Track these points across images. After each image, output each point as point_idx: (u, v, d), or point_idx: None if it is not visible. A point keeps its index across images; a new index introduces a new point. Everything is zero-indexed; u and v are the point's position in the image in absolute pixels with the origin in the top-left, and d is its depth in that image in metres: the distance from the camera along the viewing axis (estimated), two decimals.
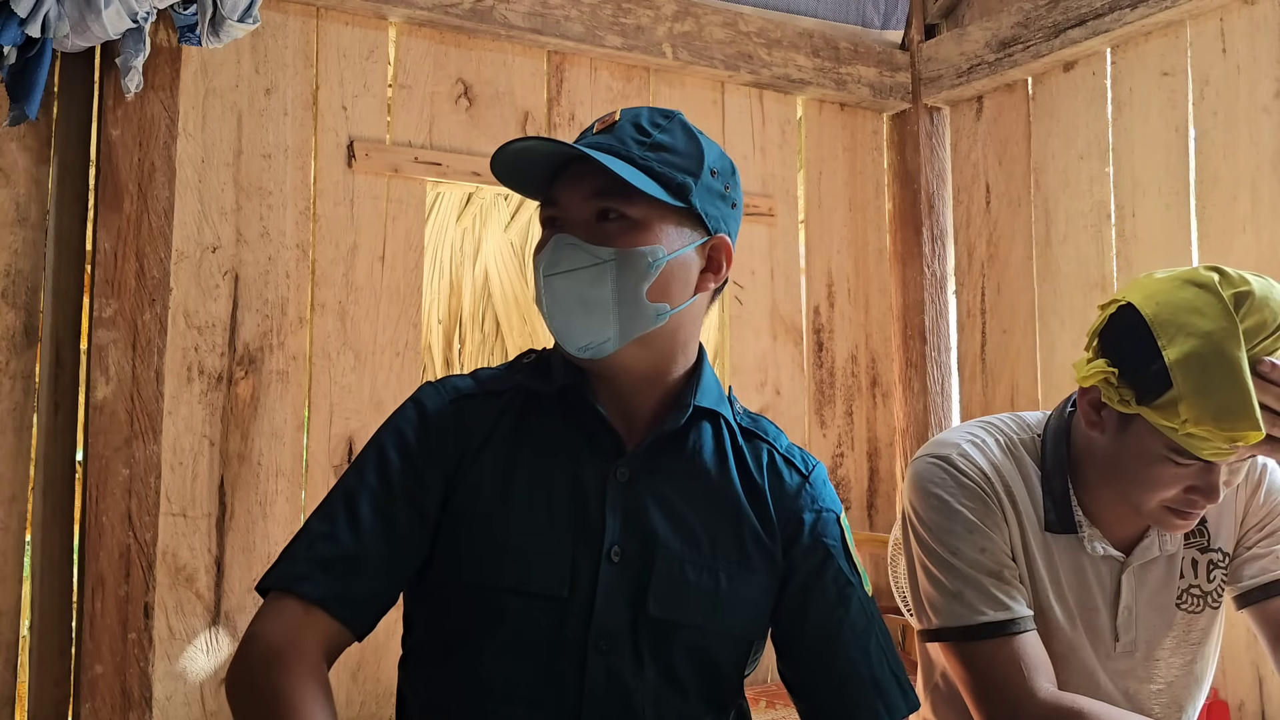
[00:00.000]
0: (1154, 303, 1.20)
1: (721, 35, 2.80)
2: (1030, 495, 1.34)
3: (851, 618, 1.16)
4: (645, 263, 1.09)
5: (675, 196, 1.10)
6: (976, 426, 1.40)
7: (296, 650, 1.02)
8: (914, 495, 1.35)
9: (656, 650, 1.09)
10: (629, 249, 1.08)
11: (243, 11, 2.05)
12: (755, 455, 1.20)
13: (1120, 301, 1.25)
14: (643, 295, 1.09)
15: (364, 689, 2.34)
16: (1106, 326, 1.26)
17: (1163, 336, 1.17)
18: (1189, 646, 1.38)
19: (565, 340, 1.11)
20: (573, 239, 1.09)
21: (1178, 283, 1.21)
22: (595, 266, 1.08)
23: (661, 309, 1.11)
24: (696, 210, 1.12)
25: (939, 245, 3.09)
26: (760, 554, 1.15)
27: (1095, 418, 1.27)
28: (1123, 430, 1.24)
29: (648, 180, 1.08)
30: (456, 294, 3.61)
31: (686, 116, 1.18)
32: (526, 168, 1.13)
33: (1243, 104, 2.40)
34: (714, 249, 1.15)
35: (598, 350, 1.10)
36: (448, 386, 1.18)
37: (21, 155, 2.08)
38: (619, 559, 1.10)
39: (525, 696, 1.07)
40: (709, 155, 1.14)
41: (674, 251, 1.11)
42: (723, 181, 1.15)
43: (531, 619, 1.08)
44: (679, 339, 1.16)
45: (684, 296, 1.13)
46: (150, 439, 2.12)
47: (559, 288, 1.09)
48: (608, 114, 1.16)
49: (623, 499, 1.12)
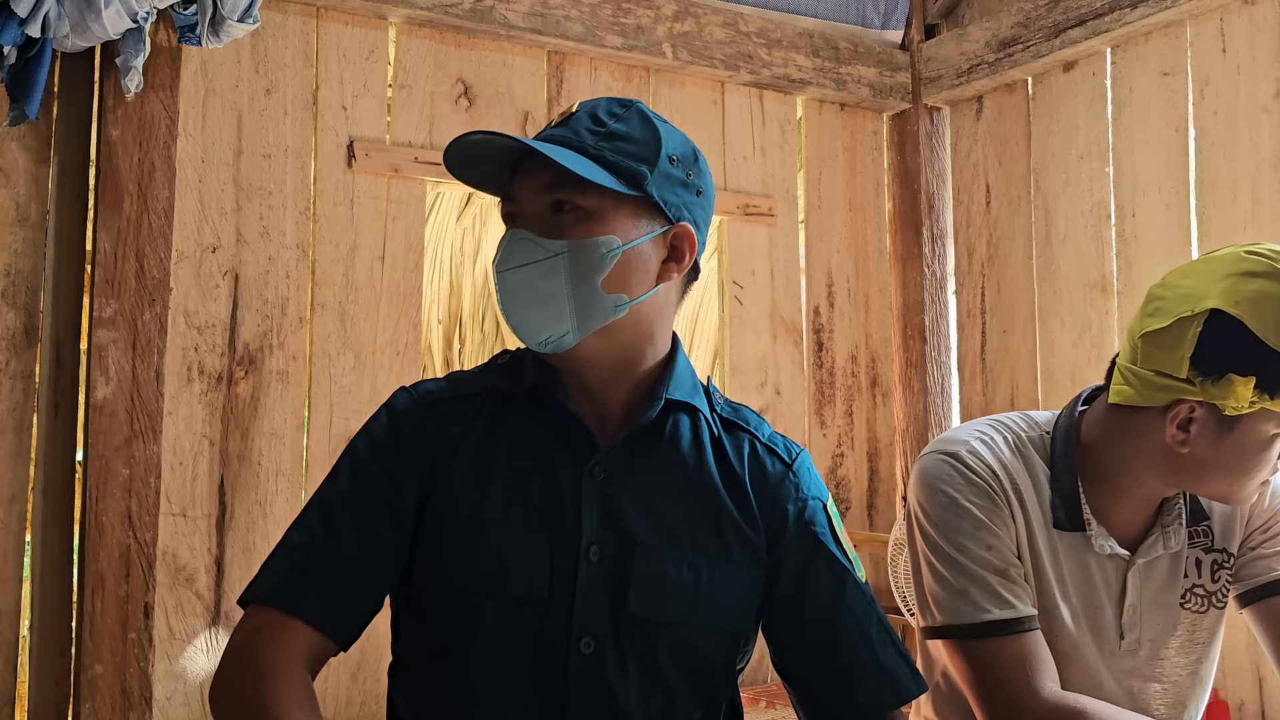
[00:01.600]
0: (1238, 306, 1.19)
1: (721, 35, 2.80)
2: (1038, 493, 1.33)
3: (849, 603, 1.15)
4: (599, 254, 1.08)
5: (629, 185, 1.09)
6: (985, 424, 1.39)
7: (279, 663, 1.02)
8: (921, 491, 1.35)
9: (640, 648, 1.09)
10: (581, 240, 1.07)
11: (243, 11, 2.05)
12: (736, 446, 1.19)
13: (1200, 316, 1.22)
14: (598, 286, 1.08)
15: (364, 689, 2.34)
16: (1204, 346, 1.22)
17: (1272, 336, 1.17)
18: (1195, 646, 1.38)
19: (524, 335, 1.11)
20: (525, 233, 1.09)
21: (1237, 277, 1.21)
22: (547, 260, 1.07)
23: (619, 300, 1.09)
24: (654, 199, 1.10)
25: (939, 245, 3.09)
26: (741, 546, 1.14)
27: (1184, 435, 1.25)
28: (1226, 432, 1.23)
29: (598, 170, 1.07)
30: (456, 294, 3.61)
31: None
32: (486, 165, 1.12)
33: (1243, 104, 2.40)
34: (676, 237, 1.13)
35: (558, 344, 1.10)
36: (420, 390, 1.17)
37: (21, 155, 2.08)
38: (597, 558, 1.09)
39: (511, 700, 1.07)
40: (668, 143, 1.13)
41: (630, 241, 1.09)
42: (684, 169, 1.14)
43: (512, 622, 1.07)
44: (644, 330, 1.14)
45: (644, 287, 1.11)
46: (150, 439, 2.12)
47: (512, 282, 1.09)
48: (567, 106, 1.15)
49: (599, 497, 1.11)
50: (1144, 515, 1.35)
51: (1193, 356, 1.22)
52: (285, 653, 1.03)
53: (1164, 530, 1.35)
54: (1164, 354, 1.24)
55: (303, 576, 1.07)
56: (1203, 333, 1.21)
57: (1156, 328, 1.25)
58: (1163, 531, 1.35)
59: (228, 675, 1.03)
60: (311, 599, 1.05)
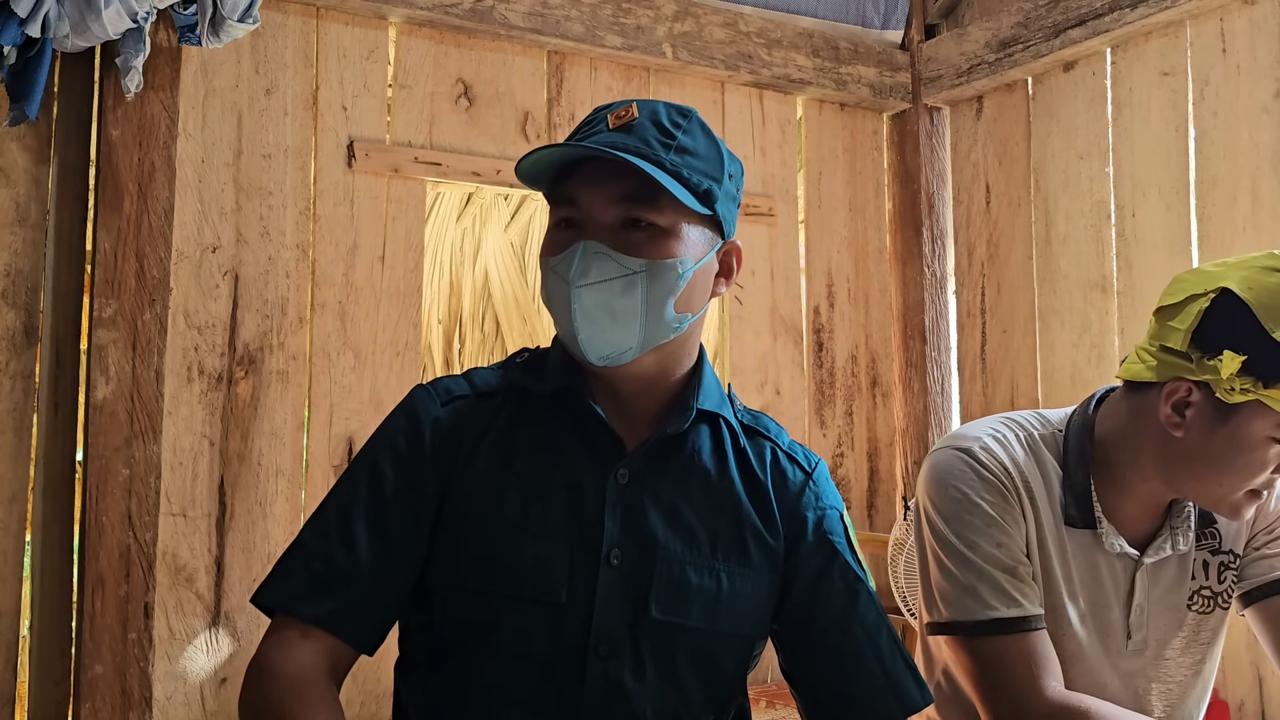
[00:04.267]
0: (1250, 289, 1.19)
1: (721, 35, 2.80)
2: (1049, 492, 1.33)
3: (861, 612, 1.15)
4: (674, 274, 1.07)
5: (703, 204, 1.08)
6: (998, 421, 1.39)
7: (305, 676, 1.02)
8: (932, 486, 1.34)
9: (659, 653, 1.08)
10: (659, 260, 1.06)
11: (243, 11, 2.05)
12: (758, 453, 1.19)
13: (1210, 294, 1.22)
14: (670, 307, 1.08)
15: (364, 689, 2.34)
16: (1206, 321, 1.22)
17: (1270, 320, 1.17)
18: (1198, 647, 1.38)
19: (588, 350, 1.08)
20: (601, 247, 1.05)
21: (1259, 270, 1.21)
22: (625, 278, 1.05)
23: (683, 319, 1.10)
24: (718, 216, 1.10)
25: (939, 245, 3.09)
26: (762, 552, 1.14)
27: (1179, 419, 1.25)
28: (1220, 422, 1.22)
29: (681, 189, 1.05)
30: (456, 294, 3.61)
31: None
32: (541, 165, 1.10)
33: (1243, 104, 2.40)
34: (727, 254, 1.14)
35: (616, 359, 1.08)
36: (440, 389, 1.16)
37: (21, 155, 2.08)
38: (618, 562, 1.08)
39: (523, 701, 1.06)
40: (728, 159, 1.13)
41: (699, 261, 1.09)
42: (736, 184, 1.14)
43: (528, 624, 1.07)
44: (689, 344, 1.15)
45: (703, 304, 1.12)
46: (150, 439, 2.12)
47: (588, 299, 1.05)
48: (622, 107, 1.10)
49: (622, 501, 1.10)
50: (1153, 516, 1.35)
51: (1195, 331, 1.23)
52: (310, 664, 1.03)
53: (1173, 532, 1.35)
54: (1170, 329, 1.25)
55: (324, 586, 1.06)
56: (1208, 309, 1.22)
57: (1168, 303, 1.26)
58: (1171, 533, 1.34)
59: (254, 688, 1.03)
60: (334, 609, 1.05)
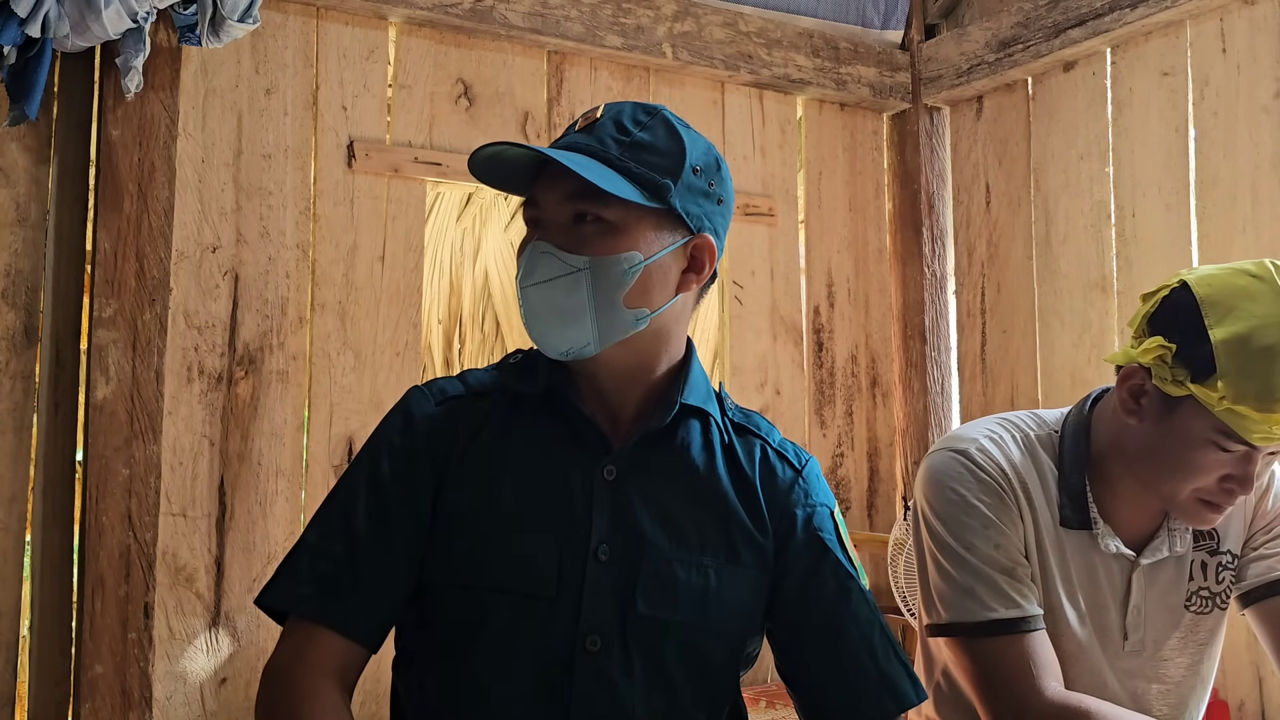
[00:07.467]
0: (1207, 285, 1.21)
1: (721, 35, 2.80)
2: (1045, 493, 1.33)
3: (854, 610, 1.16)
4: (621, 270, 1.08)
5: (653, 198, 1.08)
6: (994, 423, 1.39)
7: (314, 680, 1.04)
8: (929, 488, 1.35)
9: (646, 649, 1.09)
10: (604, 256, 1.07)
11: (243, 11, 2.05)
12: (748, 450, 1.19)
13: (1173, 284, 1.25)
14: (620, 302, 1.08)
15: (364, 689, 2.34)
16: (1160, 308, 1.25)
17: (1211, 316, 1.18)
18: (1195, 646, 1.38)
19: (545, 347, 1.12)
20: (547, 246, 1.08)
21: (1233, 271, 1.22)
22: (570, 275, 1.07)
23: (640, 314, 1.10)
24: (677, 211, 1.10)
25: (939, 245, 3.09)
26: (750, 549, 1.14)
27: (1134, 405, 1.26)
28: (1167, 415, 1.23)
29: (622, 182, 1.07)
30: (456, 294, 3.61)
31: (686, 116, 1.17)
32: (509, 167, 1.12)
33: (1243, 104, 2.40)
34: (696, 249, 1.14)
35: (579, 353, 1.11)
36: (434, 389, 1.18)
37: (21, 155, 2.08)
38: (606, 558, 1.09)
39: (514, 697, 1.07)
40: (692, 153, 1.12)
41: (652, 256, 1.09)
42: (706, 179, 1.13)
43: (518, 619, 1.08)
44: (662, 338, 1.15)
45: (664, 299, 1.12)
46: (150, 439, 2.12)
47: (534, 298, 1.09)
48: (591, 109, 1.14)
49: (610, 497, 1.11)
50: (1149, 517, 1.35)
51: (1151, 316, 1.26)
52: (321, 668, 1.05)
53: (1170, 534, 1.35)
54: (1138, 316, 1.28)
55: (327, 587, 1.08)
56: (1167, 297, 1.25)
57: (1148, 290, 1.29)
58: (1169, 535, 1.35)
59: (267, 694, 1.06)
60: (341, 611, 1.07)
